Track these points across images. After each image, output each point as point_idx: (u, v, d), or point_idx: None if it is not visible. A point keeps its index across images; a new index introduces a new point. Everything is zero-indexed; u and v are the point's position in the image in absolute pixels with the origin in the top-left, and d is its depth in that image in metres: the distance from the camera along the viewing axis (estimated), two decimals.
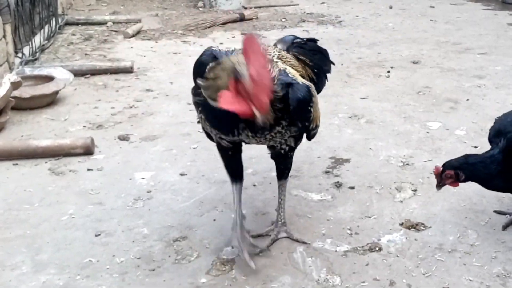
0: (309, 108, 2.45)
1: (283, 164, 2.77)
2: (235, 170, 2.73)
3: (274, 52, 2.75)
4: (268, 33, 7.36)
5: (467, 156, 2.85)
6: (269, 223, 2.97)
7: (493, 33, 7.34)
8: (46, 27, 6.61)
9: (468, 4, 9.46)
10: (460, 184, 2.85)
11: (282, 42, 3.03)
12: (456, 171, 2.80)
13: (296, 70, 2.69)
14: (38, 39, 6.19)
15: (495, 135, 2.88)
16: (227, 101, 2.20)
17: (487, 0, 9.61)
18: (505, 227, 2.93)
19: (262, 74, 2.17)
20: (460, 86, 5.20)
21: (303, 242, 2.80)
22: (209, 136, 2.69)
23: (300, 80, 2.49)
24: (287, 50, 2.93)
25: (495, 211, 3.08)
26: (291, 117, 2.40)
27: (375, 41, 6.94)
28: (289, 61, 2.76)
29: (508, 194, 3.20)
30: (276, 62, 2.57)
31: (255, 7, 8.99)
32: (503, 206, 3.11)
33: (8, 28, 5.39)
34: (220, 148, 2.67)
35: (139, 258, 2.71)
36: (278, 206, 2.87)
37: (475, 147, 3.82)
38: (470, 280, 2.55)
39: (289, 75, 2.45)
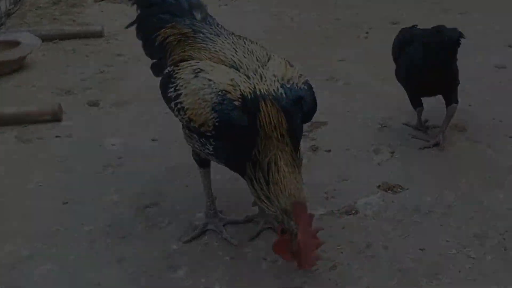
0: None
1: None
2: (203, 160, 2.56)
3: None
4: None
5: None
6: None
7: None
8: None
9: None
10: None
11: (195, 8, 2.71)
12: None
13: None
14: (3, 4, 5.92)
15: None
16: (278, 248, 2.24)
17: None
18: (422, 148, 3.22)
19: (309, 245, 2.16)
20: None
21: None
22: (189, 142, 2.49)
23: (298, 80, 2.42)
24: (205, 18, 2.68)
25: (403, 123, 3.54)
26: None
27: (353, 2, 6.78)
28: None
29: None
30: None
31: None
32: (486, 167, 3.08)
33: None
34: (197, 153, 2.53)
35: (109, 226, 2.64)
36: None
37: None
38: (447, 241, 2.51)
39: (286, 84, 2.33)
